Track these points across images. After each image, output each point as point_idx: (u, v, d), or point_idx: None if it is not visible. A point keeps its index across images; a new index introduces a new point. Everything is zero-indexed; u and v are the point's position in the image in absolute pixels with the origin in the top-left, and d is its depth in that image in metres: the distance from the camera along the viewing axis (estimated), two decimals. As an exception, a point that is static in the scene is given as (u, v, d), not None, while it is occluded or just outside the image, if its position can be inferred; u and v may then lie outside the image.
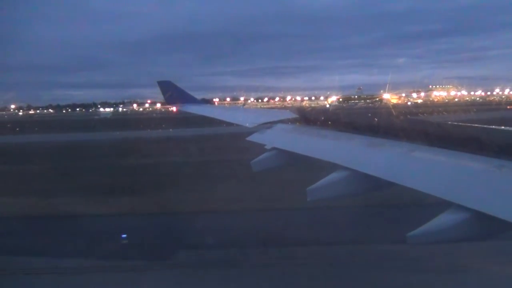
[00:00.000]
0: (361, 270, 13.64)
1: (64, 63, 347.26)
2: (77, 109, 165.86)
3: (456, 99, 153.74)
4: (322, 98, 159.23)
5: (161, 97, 14.26)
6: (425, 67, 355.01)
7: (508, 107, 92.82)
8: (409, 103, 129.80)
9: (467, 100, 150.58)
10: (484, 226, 3.25)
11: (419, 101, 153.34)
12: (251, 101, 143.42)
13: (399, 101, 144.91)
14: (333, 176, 4.81)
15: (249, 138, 7.82)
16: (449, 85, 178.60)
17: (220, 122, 12.46)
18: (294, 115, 9.15)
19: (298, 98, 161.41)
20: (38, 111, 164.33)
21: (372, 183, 4.62)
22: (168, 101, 14.14)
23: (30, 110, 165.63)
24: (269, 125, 8.46)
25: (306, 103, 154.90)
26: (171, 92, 13.14)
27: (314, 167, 5.56)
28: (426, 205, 4.02)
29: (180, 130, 57.40)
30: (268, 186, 19.87)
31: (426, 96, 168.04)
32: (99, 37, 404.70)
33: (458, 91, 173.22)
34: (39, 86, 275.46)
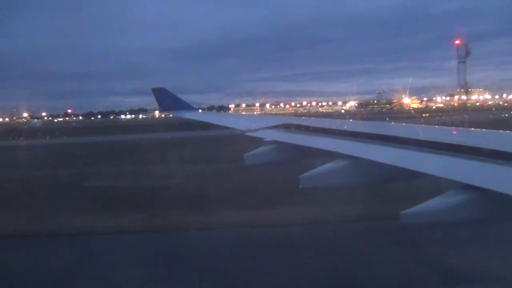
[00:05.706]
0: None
1: (118, 72, 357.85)
2: (102, 116, 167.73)
3: (478, 103, 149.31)
4: (340, 103, 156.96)
5: (196, 102, 13.35)
6: (479, 69, 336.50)
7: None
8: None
9: (489, 104, 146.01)
10: (480, 209, 3.38)
11: (440, 105, 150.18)
12: (267, 107, 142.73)
13: (420, 106, 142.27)
14: (329, 165, 4.81)
15: (248, 134, 8.20)
16: (479, 88, 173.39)
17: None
18: (285, 122, 9.48)
19: (313, 103, 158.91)
20: (67, 118, 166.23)
21: (370, 175, 4.63)
22: (162, 108, 13.57)
23: (62, 117, 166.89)
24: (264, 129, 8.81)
25: (323, 108, 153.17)
26: (166, 99, 12.65)
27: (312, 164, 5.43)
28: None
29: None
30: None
31: (450, 100, 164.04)
32: (151, 45, 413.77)
33: (483, 94, 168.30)
34: (96, 93, 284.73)
